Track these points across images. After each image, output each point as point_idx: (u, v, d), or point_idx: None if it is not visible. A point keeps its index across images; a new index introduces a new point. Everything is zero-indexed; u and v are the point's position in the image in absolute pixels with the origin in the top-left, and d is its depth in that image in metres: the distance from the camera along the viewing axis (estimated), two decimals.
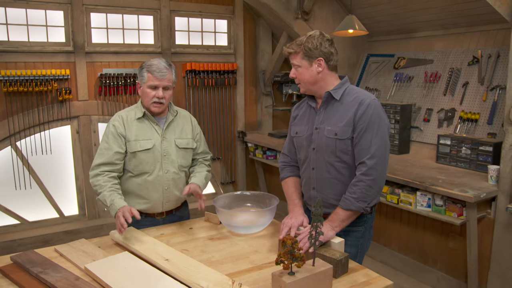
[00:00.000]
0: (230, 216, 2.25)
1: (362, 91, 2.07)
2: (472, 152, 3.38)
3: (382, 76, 4.54)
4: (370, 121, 1.94)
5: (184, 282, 1.66)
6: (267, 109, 5.32)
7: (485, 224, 3.04)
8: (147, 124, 2.33)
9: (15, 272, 1.81)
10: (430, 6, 3.80)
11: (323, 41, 2.00)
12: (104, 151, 2.27)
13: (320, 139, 2.05)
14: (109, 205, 2.15)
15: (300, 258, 1.58)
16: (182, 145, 2.38)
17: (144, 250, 1.94)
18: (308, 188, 2.17)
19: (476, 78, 3.67)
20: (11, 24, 3.94)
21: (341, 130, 1.98)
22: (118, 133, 2.28)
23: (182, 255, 1.89)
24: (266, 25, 5.10)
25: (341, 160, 2.02)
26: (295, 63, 2.04)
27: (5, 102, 3.94)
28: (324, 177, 2.07)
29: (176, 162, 2.36)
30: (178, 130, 2.40)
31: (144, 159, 2.28)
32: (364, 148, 1.95)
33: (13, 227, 4.17)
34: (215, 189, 5.24)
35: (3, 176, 4.07)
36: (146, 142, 2.29)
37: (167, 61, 2.32)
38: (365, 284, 1.74)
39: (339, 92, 2.04)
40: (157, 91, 2.25)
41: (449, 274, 3.33)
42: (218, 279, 1.67)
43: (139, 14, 4.49)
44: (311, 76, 2.02)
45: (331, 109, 2.05)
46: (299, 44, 2.00)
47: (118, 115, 2.34)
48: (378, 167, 1.94)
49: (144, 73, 2.26)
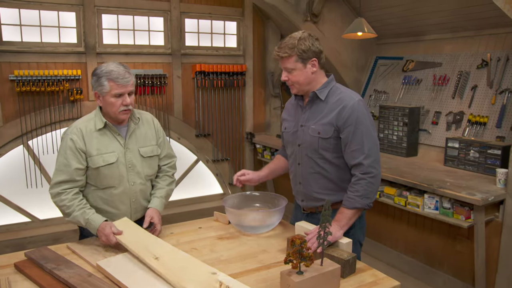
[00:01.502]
0: (239, 216, 2.28)
1: (347, 91, 2.12)
2: (481, 155, 3.38)
3: (391, 78, 4.55)
4: (357, 122, 2.01)
5: (171, 283, 1.64)
6: (276, 111, 5.35)
7: (492, 227, 3.04)
8: (108, 135, 2.18)
9: (29, 268, 1.86)
10: (439, 9, 3.80)
11: (314, 41, 2.04)
12: (63, 168, 2.10)
13: (304, 136, 2.14)
14: (85, 224, 2.07)
15: (309, 257, 1.61)
16: (147, 154, 2.27)
17: (135, 246, 1.91)
18: (295, 183, 2.26)
19: (485, 81, 3.67)
20: (24, 25, 4.01)
21: (324, 129, 2.06)
22: (77, 148, 2.10)
23: (173, 254, 1.86)
24: (275, 27, 5.13)
25: (322, 157, 2.10)
26: (288, 66, 2.04)
27: (18, 101, 4.01)
28: (309, 172, 2.16)
29: (142, 172, 2.25)
30: (142, 138, 2.27)
31: (108, 174, 2.16)
32: (357, 149, 2.02)
33: (25, 224, 4.24)
34: (223, 190, 5.27)
35: (15, 175, 4.14)
36: (109, 156, 2.15)
37: (120, 63, 2.18)
38: (372, 284, 1.77)
39: (324, 92, 2.09)
40: (124, 99, 2.11)
41: (456, 277, 3.33)
42: (206, 280, 1.64)
43: (149, 16, 4.55)
44: (306, 77, 2.06)
45: (316, 108, 2.11)
46: (292, 47, 2.01)
47: (75, 128, 2.15)
48: (375, 164, 2.03)
49: (104, 82, 2.09)
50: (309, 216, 2.25)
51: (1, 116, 3.97)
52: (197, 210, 4.83)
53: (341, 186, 2.12)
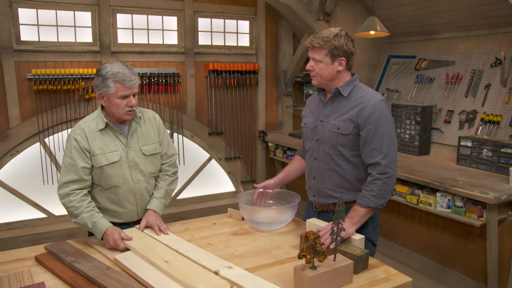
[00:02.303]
0: (253, 212, 2.32)
1: (370, 90, 2.14)
2: (494, 154, 3.37)
3: (403, 77, 4.54)
4: (378, 121, 2.03)
5: (182, 284, 1.66)
6: (288, 109, 5.37)
7: (505, 226, 3.03)
8: (110, 135, 2.20)
9: (49, 261, 1.92)
10: (452, 7, 3.79)
11: (348, 41, 2.06)
12: (70, 168, 2.12)
13: (324, 132, 2.16)
14: (92, 227, 2.10)
15: (322, 252, 1.64)
16: (149, 152, 2.29)
17: (145, 250, 1.94)
18: (310, 178, 2.28)
19: (499, 80, 3.65)
20: (41, 25, 4.09)
21: (343, 125, 2.08)
22: (81, 148, 2.13)
23: (181, 257, 1.88)
24: (287, 26, 5.15)
25: (339, 153, 2.12)
26: (316, 57, 2.07)
27: (35, 100, 4.09)
28: (324, 168, 2.18)
29: (145, 170, 2.27)
30: (143, 137, 2.28)
31: (112, 173, 2.18)
32: (375, 148, 2.03)
33: (41, 220, 4.33)
34: (235, 188, 5.31)
35: (32, 171, 4.22)
36: (112, 155, 2.17)
37: (123, 63, 2.18)
38: (384, 280, 1.79)
39: (347, 89, 2.12)
40: (129, 100, 2.13)
41: (468, 276, 3.33)
42: (216, 283, 1.66)
43: (163, 15, 4.60)
44: (330, 73, 2.08)
45: (338, 105, 2.14)
46: (326, 40, 2.03)
47: (78, 128, 2.17)
48: (392, 165, 2.04)
49: (110, 84, 2.09)
50: (321, 215, 2.27)
51: (19, 114, 4.05)
52: (209, 208, 4.88)
53: (354, 185, 2.14)
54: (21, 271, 1.83)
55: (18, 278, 1.76)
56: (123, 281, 1.69)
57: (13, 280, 1.75)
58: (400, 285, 1.78)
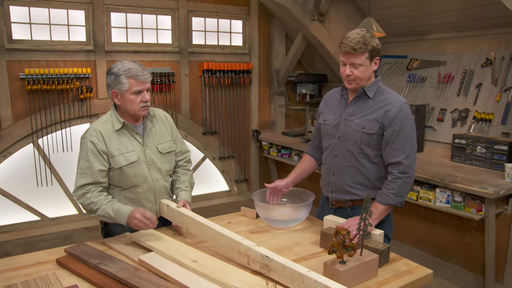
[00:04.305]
0: (268, 210, 2.35)
1: (394, 93, 2.22)
2: (487, 151, 3.50)
3: (395, 77, 4.65)
4: (403, 123, 2.10)
5: (216, 282, 1.67)
6: (280, 108, 5.42)
7: (502, 220, 3.16)
8: (127, 135, 2.20)
9: (73, 263, 1.89)
10: (444, 9, 3.91)
11: (378, 41, 2.12)
12: (86, 171, 2.11)
13: (347, 130, 2.20)
14: (114, 215, 2.08)
15: (352, 247, 1.68)
16: (165, 150, 2.31)
17: (169, 251, 1.93)
18: (328, 174, 2.32)
19: (490, 80, 3.79)
20: (34, 24, 4.00)
21: (369, 125, 2.14)
22: (98, 150, 2.12)
23: (207, 256, 1.89)
24: (280, 26, 5.20)
25: (362, 152, 2.17)
26: (357, 62, 2.08)
27: (28, 100, 4.00)
28: (345, 165, 2.23)
29: (163, 168, 2.29)
30: (158, 135, 2.30)
31: (132, 173, 2.18)
32: (398, 148, 2.10)
33: (34, 223, 4.23)
34: (229, 187, 5.33)
35: (25, 173, 4.13)
36: (131, 155, 2.18)
37: (133, 61, 2.21)
38: (407, 273, 1.86)
39: (372, 90, 2.18)
40: (143, 95, 2.15)
41: (465, 268, 3.45)
42: (251, 280, 1.69)
43: (157, 14, 4.57)
44: (369, 74, 2.15)
45: (362, 105, 2.19)
46: (366, 43, 2.06)
47: (94, 130, 2.16)
48: (412, 165, 2.13)
49: (123, 80, 2.11)
50: (338, 211, 2.32)
51: (11, 114, 3.95)
52: (204, 207, 4.87)
53: (374, 184, 2.20)
54: (46, 274, 1.81)
55: (46, 282, 1.74)
56: (156, 281, 1.69)
57: (40, 283, 1.73)
58: (422, 277, 1.85)
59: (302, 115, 5.52)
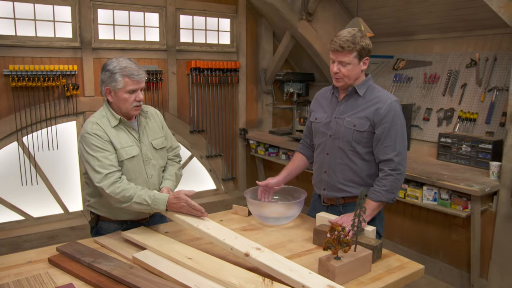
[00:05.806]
0: (261, 207, 2.36)
1: (384, 91, 2.25)
2: (472, 149, 3.58)
3: (382, 76, 4.71)
4: (393, 120, 2.13)
5: (213, 278, 1.67)
6: (267, 107, 5.44)
7: (487, 216, 3.24)
8: (124, 131, 2.18)
9: (65, 262, 1.87)
10: (431, 10, 3.98)
11: (369, 41, 2.14)
12: (104, 160, 2.05)
13: (338, 128, 2.23)
14: (151, 201, 2.04)
15: (347, 243, 1.71)
16: (159, 146, 2.29)
17: (163, 248, 1.92)
18: (320, 172, 2.34)
19: (474, 80, 3.87)
20: (18, 19, 3.92)
21: (360, 123, 2.17)
22: (105, 141, 2.09)
23: (202, 253, 1.89)
24: (267, 25, 5.21)
25: (354, 149, 2.20)
26: (345, 60, 2.11)
27: (12, 97, 3.92)
28: (337, 163, 2.26)
29: (157, 164, 2.28)
30: (151, 131, 2.30)
31: (131, 167, 2.16)
32: (389, 145, 2.13)
33: (18, 223, 4.15)
34: (217, 186, 5.32)
35: (9, 172, 4.05)
36: (131, 149, 2.16)
37: (129, 58, 2.18)
38: (399, 268, 1.89)
39: (363, 89, 2.21)
40: (137, 94, 2.13)
41: (451, 264, 3.52)
42: (247, 276, 1.68)
43: (145, 11, 4.53)
44: (357, 73, 2.16)
45: (353, 103, 2.22)
46: (355, 42, 2.08)
47: (94, 124, 2.11)
48: (403, 162, 2.17)
49: (118, 78, 2.08)
50: (330, 209, 2.35)
51: None
52: None
53: (365, 181, 2.23)
54: (38, 273, 1.78)
55: (39, 281, 1.71)
56: (152, 279, 1.68)
57: (33, 282, 1.70)
58: (414, 272, 1.90)
59: (289, 114, 5.55)
